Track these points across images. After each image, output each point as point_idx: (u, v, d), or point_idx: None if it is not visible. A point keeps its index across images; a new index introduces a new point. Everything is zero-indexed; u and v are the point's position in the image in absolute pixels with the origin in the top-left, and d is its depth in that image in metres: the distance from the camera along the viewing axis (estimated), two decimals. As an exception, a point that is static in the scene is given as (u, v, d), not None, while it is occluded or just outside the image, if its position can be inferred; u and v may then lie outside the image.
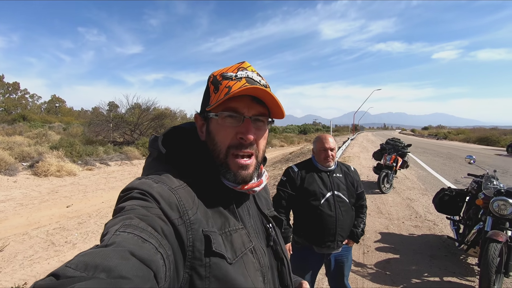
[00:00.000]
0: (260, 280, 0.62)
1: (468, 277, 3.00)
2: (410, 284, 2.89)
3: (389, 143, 7.93)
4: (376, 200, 6.07)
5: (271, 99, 0.63)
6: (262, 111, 0.66)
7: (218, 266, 0.55)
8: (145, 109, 18.44)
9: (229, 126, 0.63)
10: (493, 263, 2.34)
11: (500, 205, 2.70)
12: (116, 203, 0.56)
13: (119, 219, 0.47)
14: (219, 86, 0.64)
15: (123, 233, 0.44)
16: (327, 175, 1.95)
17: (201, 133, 0.70)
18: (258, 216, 0.73)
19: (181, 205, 0.55)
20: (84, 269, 0.36)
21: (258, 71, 0.69)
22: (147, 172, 0.64)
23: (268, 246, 0.71)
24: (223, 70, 0.68)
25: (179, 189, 0.57)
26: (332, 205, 1.87)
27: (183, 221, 0.53)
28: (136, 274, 0.38)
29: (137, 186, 0.55)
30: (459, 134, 42.57)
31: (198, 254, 0.53)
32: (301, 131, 50.71)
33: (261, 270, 0.64)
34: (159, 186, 0.55)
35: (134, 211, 0.49)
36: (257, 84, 0.64)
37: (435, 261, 3.38)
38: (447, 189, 3.68)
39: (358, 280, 2.96)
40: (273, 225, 0.75)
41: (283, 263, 0.73)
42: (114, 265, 0.37)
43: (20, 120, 25.66)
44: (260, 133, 0.66)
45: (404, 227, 4.54)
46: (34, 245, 4.35)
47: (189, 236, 0.53)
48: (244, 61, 0.69)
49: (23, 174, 8.63)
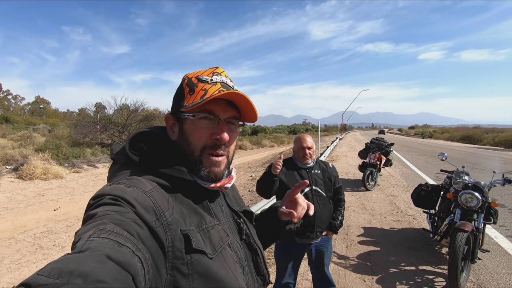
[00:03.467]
0: (240, 272, 0.65)
1: (441, 266, 3.22)
2: (388, 273, 3.09)
3: (373, 142, 8.23)
4: (360, 197, 6.30)
5: (246, 104, 0.67)
6: (235, 114, 0.70)
7: (200, 262, 0.56)
8: (134, 110, 18.26)
9: (204, 127, 0.66)
10: (460, 250, 2.55)
11: (467, 198, 2.93)
12: (85, 210, 0.54)
13: (91, 225, 0.46)
14: (194, 89, 0.67)
15: (97, 238, 0.42)
16: (306, 171, 2.10)
17: (172, 132, 0.71)
18: (229, 212, 0.77)
19: (157, 208, 0.55)
20: (58, 276, 0.34)
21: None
22: (116, 179, 0.61)
23: (241, 239, 0.74)
24: (197, 73, 0.70)
25: (153, 192, 0.58)
26: (310, 199, 2.02)
27: (160, 223, 0.54)
28: (114, 278, 0.37)
29: (108, 191, 0.54)
30: (444, 133, 43.96)
31: (179, 253, 0.54)
32: (291, 131, 51.11)
33: (240, 262, 0.67)
34: (132, 190, 0.55)
35: (108, 216, 0.48)
36: (231, 89, 0.67)
37: (413, 252, 3.60)
38: (424, 184, 3.91)
39: (341, 271, 3.13)
40: (243, 219, 0.78)
41: (258, 254, 0.76)
42: (90, 269, 0.36)
43: (2, 122, 24.83)
44: (232, 135, 0.70)
45: (386, 221, 4.77)
46: (21, 249, 4.31)
47: (168, 237, 0.54)
48: (218, 67, 0.72)
49: (7, 177, 8.43)
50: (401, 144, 23.47)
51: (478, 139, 28.58)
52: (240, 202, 0.86)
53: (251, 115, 0.71)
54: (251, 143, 26.14)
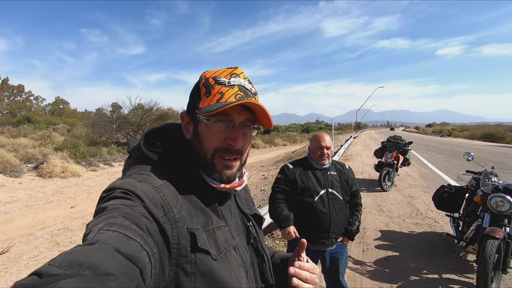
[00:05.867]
0: (243, 276, 0.63)
1: (467, 274, 3.00)
2: (409, 281, 2.91)
3: (390, 141, 7.91)
4: (377, 198, 6.06)
5: (261, 111, 0.65)
6: (250, 117, 0.68)
7: (204, 262, 0.56)
8: (148, 110, 18.56)
9: (218, 131, 0.65)
10: (491, 259, 2.35)
11: (498, 201, 2.70)
12: (97, 203, 0.55)
13: (102, 218, 0.47)
14: (211, 90, 0.65)
15: (107, 232, 0.43)
16: (321, 173, 1.98)
17: (187, 131, 0.70)
18: (239, 214, 0.75)
19: (165, 203, 0.55)
20: (68, 267, 0.35)
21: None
22: (128, 173, 0.63)
23: (248, 243, 0.72)
24: (215, 73, 0.68)
25: (162, 188, 0.58)
26: (326, 202, 1.90)
27: (168, 219, 0.54)
28: (122, 271, 0.38)
29: (120, 185, 0.55)
30: (463, 131, 42.22)
31: (183, 251, 0.54)
32: (304, 129, 50.64)
33: (244, 266, 0.65)
34: (142, 185, 0.56)
35: (118, 210, 0.49)
36: (249, 92, 0.67)
37: (435, 258, 3.38)
38: (446, 186, 3.67)
39: (357, 278, 2.98)
40: (253, 223, 0.77)
41: (264, 260, 0.74)
42: (99, 262, 0.37)
43: (24, 122, 26.00)
44: (246, 139, 0.68)
45: (404, 224, 4.54)
46: (39, 246, 4.42)
47: (174, 233, 0.54)
48: (237, 67, 0.70)
49: (28, 175, 8.76)
50: (418, 142, 22.65)
51: (500, 137, 27.18)
52: (252, 205, 0.84)
53: (266, 122, 0.69)
54: (264, 142, 26.09)
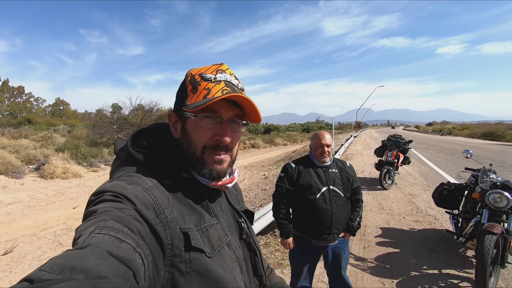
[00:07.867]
0: (238, 271, 0.64)
1: (466, 269, 3.04)
2: (409, 277, 2.94)
3: (390, 140, 7.95)
4: (377, 196, 6.10)
5: (249, 105, 0.65)
6: (238, 113, 0.67)
7: (198, 261, 0.56)
8: (149, 110, 18.60)
9: (206, 127, 0.65)
10: (489, 254, 2.38)
11: (496, 197, 2.74)
12: (86, 207, 0.54)
13: (92, 221, 0.46)
14: (197, 87, 0.65)
15: (98, 235, 0.42)
16: (323, 170, 2.01)
17: (175, 130, 0.70)
18: (230, 211, 0.76)
19: (157, 205, 0.55)
20: (60, 272, 0.35)
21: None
22: (116, 175, 0.61)
23: (241, 239, 0.74)
24: (201, 69, 0.68)
25: (153, 189, 0.57)
26: (328, 199, 1.94)
27: (160, 221, 0.54)
28: (115, 274, 0.38)
29: (109, 188, 0.54)
30: (463, 129, 42.26)
31: (177, 251, 0.54)
32: (304, 129, 50.68)
33: (238, 262, 0.66)
34: (133, 187, 0.55)
35: (108, 213, 0.48)
36: (235, 88, 0.66)
37: (435, 254, 3.42)
38: (446, 183, 3.72)
39: (358, 274, 3.02)
40: (244, 219, 0.78)
41: (256, 254, 0.76)
42: (92, 265, 0.36)
43: (25, 124, 26.04)
44: (235, 135, 0.68)
45: (405, 222, 4.58)
46: (42, 246, 4.46)
47: (167, 234, 0.54)
48: (222, 63, 0.70)
49: (30, 176, 8.80)
50: (418, 141, 22.69)
51: (501, 136, 27.19)
52: (241, 203, 0.85)
53: (255, 116, 0.69)
54: (264, 141, 26.11)
